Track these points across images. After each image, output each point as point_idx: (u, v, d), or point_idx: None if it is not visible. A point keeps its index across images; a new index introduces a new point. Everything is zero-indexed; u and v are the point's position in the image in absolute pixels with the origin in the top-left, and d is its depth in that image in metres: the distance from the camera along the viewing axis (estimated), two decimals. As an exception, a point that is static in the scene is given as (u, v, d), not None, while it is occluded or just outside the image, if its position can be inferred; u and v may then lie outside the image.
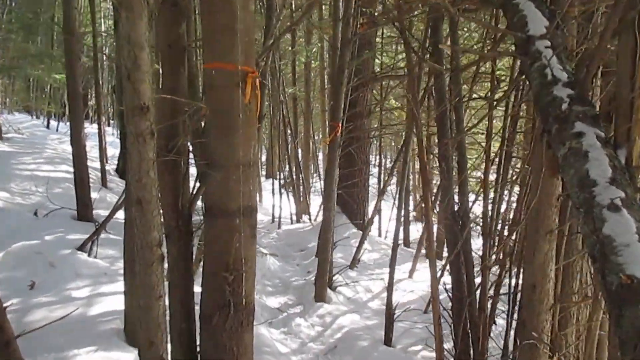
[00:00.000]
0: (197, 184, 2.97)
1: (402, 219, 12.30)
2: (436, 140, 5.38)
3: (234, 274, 2.72)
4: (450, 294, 4.71)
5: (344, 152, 9.35)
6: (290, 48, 12.68)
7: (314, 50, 12.60)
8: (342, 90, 7.12)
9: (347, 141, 9.56)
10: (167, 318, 3.30)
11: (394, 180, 12.89)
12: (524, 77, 2.73)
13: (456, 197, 4.34)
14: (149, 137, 1.97)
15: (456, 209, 4.01)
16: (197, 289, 3.18)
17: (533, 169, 2.86)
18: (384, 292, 8.09)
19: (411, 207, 13.92)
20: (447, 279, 5.78)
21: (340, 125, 7.14)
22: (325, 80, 15.08)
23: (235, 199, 2.67)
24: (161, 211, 2.35)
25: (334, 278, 7.84)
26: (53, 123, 18.59)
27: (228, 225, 2.67)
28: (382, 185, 13.63)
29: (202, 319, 2.86)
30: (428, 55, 4.40)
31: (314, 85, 16.35)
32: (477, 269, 4.26)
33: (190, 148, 3.07)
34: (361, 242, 9.06)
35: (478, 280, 4.50)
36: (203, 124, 2.99)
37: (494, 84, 4.00)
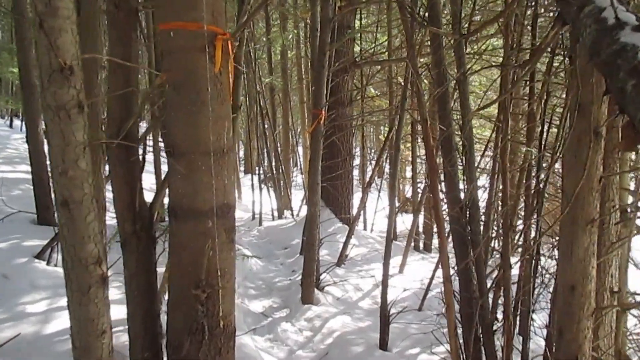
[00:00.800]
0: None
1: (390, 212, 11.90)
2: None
3: (207, 290, 2.15)
4: (458, 295, 4.19)
5: (326, 142, 8.81)
6: (265, 36, 12.04)
7: (289, 37, 11.98)
8: (324, 75, 6.56)
9: (330, 131, 9.01)
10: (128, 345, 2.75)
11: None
12: (556, 32, 2.20)
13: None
14: (76, 112, 1.39)
15: (462, 198, 3.51)
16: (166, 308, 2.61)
17: (569, 147, 2.34)
18: (374, 290, 7.60)
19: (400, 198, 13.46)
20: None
21: (323, 112, 6.58)
22: (303, 71, 14.50)
23: (206, 196, 2.11)
24: (107, 214, 1.77)
25: (321, 277, 7.31)
26: (18, 122, 17.63)
27: (198, 229, 2.12)
28: (365, 177, 13.16)
29: (169, 347, 2.29)
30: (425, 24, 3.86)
31: (292, 76, 15.76)
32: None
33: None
34: (348, 238, 8.55)
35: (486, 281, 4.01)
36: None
37: (509, 46, 3.46)
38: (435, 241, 11.91)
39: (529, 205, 3.88)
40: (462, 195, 3.40)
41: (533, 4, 4.26)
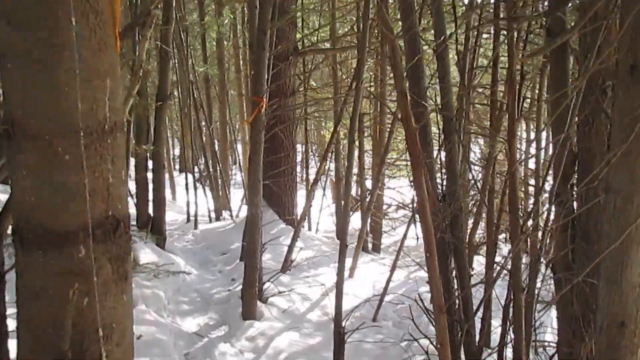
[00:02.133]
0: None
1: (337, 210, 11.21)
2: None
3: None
4: (428, 312, 3.48)
5: (267, 135, 7.96)
6: (198, 22, 11.02)
7: (225, 22, 11.02)
8: (265, 57, 5.73)
9: (272, 122, 8.16)
10: None
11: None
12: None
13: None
14: None
15: (441, 191, 2.83)
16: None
17: (619, 131, 1.65)
18: (324, 299, 6.84)
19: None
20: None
21: (264, 100, 5.74)
22: (241, 62, 13.55)
23: (74, 206, 1.27)
24: None
25: (264, 287, 6.47)
26: None
27: (61, 262, 1.27)
28: (308, 174, 12.40)
29: None
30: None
31: (229, 67, 14.77)
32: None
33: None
34: (293, 241, 7.75)
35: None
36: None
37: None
38: (387, 240, 11.34)
39: (538, 206, 3.21)
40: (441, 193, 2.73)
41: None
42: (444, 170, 2.84)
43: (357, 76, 5.29)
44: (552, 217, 3.49)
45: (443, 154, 2.91)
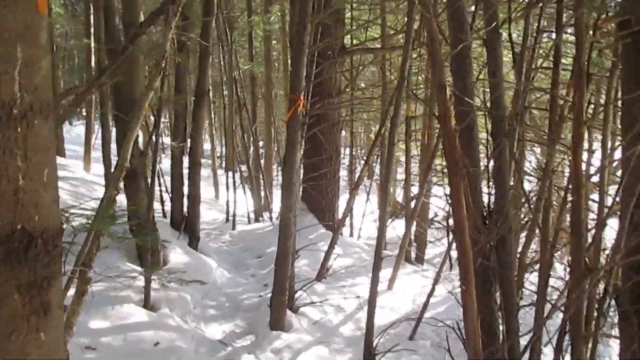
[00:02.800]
0: None
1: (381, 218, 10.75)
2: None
3: None
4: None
5: (309, 137, 7.63)
6: (245, 17, 10.84)
7: (271, 18, 10.77)
8: (305, 52, 5.39)
9: (313, 123, 7.82)
10: None
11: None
12: None
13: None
14: None
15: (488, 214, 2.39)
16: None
17: None
18: (358, 312, 6.43)
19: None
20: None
21: (302, 98, 5.40)
22: (289, 62, 13.31)
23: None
24: None
25: (296, 295, 6.14)
26: None
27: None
28: (353, 178, 12.02)
29: None
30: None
31: (277, 67, 14.58)
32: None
33: None
34: (331, 247, 7.37)
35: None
36: None
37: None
38: (432, 251, 10.80)
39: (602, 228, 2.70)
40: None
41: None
42: (491, 182, 2.41)
43: (401, 73, 4.87)
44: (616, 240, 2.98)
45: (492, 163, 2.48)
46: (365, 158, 15.18)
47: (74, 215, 3.49)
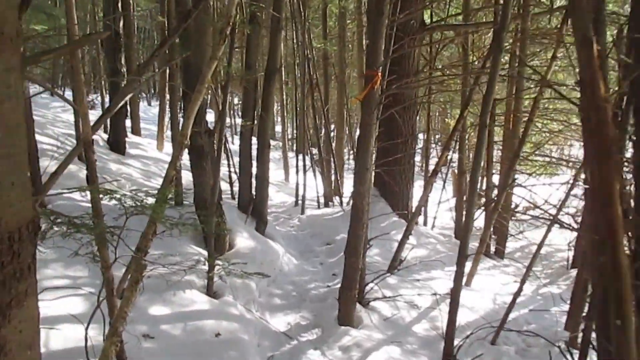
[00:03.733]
0: None
1: (459, 206, 10.10)
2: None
3: None
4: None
5: (383, 119, 7.11)
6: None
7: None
8: (384, 23, 4.88)
9: (388, 104, 7.29)
10: None
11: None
12: None
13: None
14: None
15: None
16: None
17: None
18: (433, 310, 5.92)
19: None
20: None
21: (379, 74, 4.91)
22: (364, 42, 12.74)
23: None
24: None
25: (367, 288, 5.72)
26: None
27: None
28: (428, 164, 11.38)
29: None
30: None
31: (352, 47, 14.06)
32: None
33: None
34: (404, 238, 6.88)
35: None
36: None
37: None
38: (513, 245, 10.02)
39: None
40: None
41: None
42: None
43: (496, 39, 4.25)
44: None
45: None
46: (441, 144, 14.42)
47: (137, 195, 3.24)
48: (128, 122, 13.67)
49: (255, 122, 6.92)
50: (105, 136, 9.94)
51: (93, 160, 3.13)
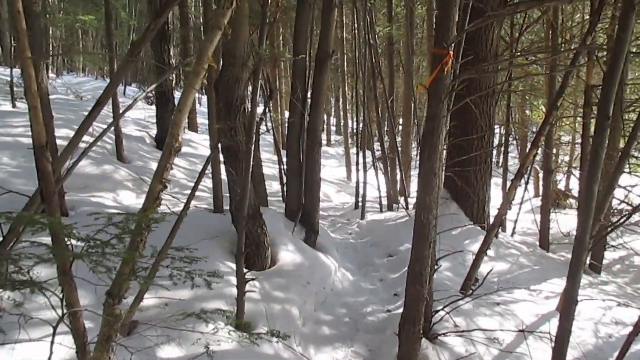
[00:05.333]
0: None
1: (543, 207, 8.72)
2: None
3: None
4: None
5: (455, 111, 5.98)
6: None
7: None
8: (456, -9, 3.83)
9: (462, 94, 6.15)
10: None
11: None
12: None
13: None
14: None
15: None
16: None
17: None
18: (520, 342, 4.77)
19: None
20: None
21: (451, 54, 3.84)
22: (434, 27, 11.54)
23: None
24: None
25: (434, 317, 4.68)
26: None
27: None
28: (506, 162, 10.02)
29: None
30: None
31: (422, 33, 12.86)
32: None
33: None
34: (481, 252, 5.75)
35: None
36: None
37: None
38: (610, 255, 8.55)
39: None
40: None
41: None
42: None
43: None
44: None
45: None
46: (519, 138, 12.93)
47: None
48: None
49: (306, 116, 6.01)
50: (154, 133, 9.38)
51: (48, 171, 2.30)
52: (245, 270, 4.80)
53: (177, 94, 16.09)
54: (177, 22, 12.44)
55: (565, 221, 10.43)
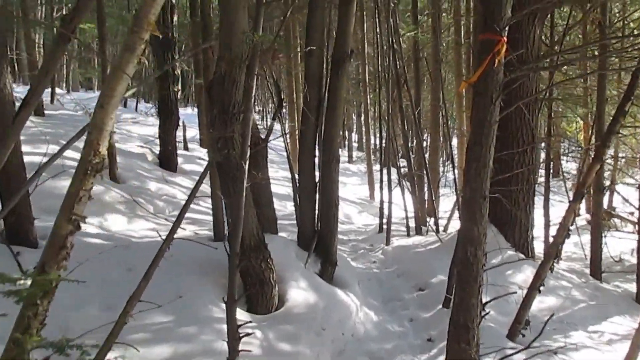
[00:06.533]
0: None
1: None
2: None
3: None
4: None
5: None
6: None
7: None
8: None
9: (505, 98, 5.21)
10: None
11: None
12: None
13: None
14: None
15: None
16: None
17: None
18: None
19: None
20: None
21: (504, 40, 2.95)
22: (463, 33, 10.65)
23: None
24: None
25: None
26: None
27: None
28: (548, 179, 8.98)
29: None
30: None
31: (448, 39, 11.99)
32: None
33: None
34: (533, 289, 4.75)
35: None
36: None
37: None
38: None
39: None
40: None
41: None
42: None
43: None
44: None
45: None
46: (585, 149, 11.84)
47: None
48: (195, 131, 12.46)
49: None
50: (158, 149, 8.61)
51: None
52: (245, 314, 3.93)
53: (184, 110, 15.44)
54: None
55: (614, 244, 9.30)
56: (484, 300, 3.69)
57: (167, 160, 8.03)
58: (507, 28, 2.98)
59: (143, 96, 15.56)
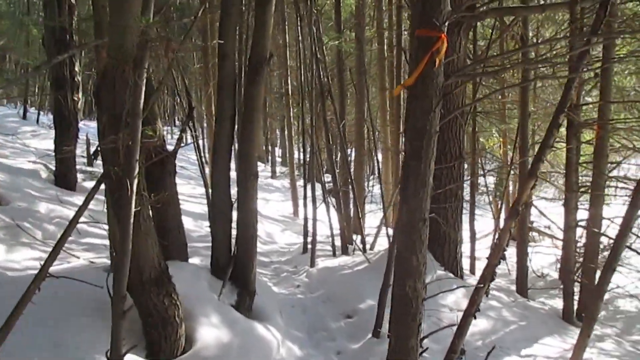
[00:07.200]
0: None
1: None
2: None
3: None
4: None
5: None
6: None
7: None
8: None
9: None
10: None
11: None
12: None
13: None
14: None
15: None
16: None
17: None
18: None
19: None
20: None
21: (444, 37, 2.54)
22: (386, 46, 10.45)
23: None
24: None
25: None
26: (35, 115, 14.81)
27: None
28: (473, 195, 8.89)
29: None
30: None
31: (371, 51, 11.79)
32: None
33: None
34: (468, 316, 4.37)
35: None
36: None
37: None
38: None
39: None
40: None
41: None
42: None
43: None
44: None
45: None
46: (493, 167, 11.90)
47: None
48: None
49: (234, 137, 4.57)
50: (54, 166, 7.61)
51: None
52: (142, 363, 3.25)
53: (92, 123, 14.24)
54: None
55: (535, 259, 9.34)
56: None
57: (63, 178, 7.09)
58: (446, 24, 2.58)
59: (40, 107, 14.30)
